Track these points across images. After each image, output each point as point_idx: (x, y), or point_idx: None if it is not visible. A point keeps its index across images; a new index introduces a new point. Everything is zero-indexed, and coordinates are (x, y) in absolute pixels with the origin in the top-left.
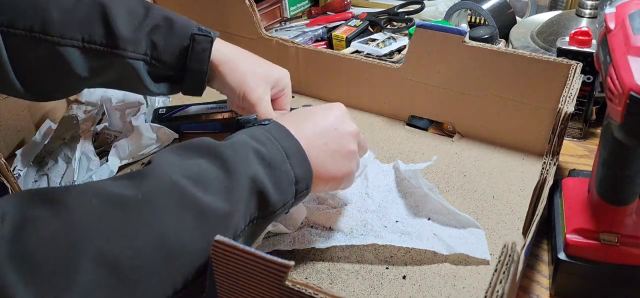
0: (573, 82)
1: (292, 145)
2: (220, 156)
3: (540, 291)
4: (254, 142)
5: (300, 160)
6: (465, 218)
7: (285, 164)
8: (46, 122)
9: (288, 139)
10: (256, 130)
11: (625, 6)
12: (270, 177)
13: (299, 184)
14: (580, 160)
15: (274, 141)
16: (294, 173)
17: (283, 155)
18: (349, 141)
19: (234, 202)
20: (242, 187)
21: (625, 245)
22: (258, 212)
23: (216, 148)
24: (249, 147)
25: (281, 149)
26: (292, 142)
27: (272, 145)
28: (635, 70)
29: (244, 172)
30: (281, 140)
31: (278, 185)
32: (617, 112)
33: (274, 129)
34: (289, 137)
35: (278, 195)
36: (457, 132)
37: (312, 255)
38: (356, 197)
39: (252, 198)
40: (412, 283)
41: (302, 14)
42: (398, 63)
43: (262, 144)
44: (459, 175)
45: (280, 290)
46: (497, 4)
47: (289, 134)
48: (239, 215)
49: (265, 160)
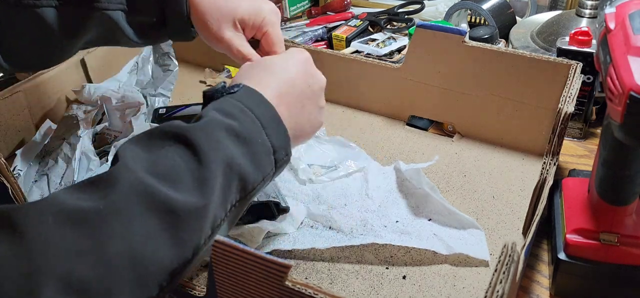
0: (573, 82)
1: (267, 112)
2: (191, 143)
3: (540, 291)
4: (226, 117)
5: (277, 127)
6: (465, 218)
7: (261, 135)
8: (46, 122)
9: (262, 105)
10: (227, 102)
11: (625, 6)
12: (247, 155)
13: (278, 153)
14: (580, 160)
15: (248, 111)
16: (271, 143)
17: (258, 126)
18: (320, 96)
19: (209, 193)
20: (217, 174)
21: (625, 245)
22: (238, 195)
23: (186, 133)
24: (221, 126)
25: (256, 119)
26: (266, 108)
27: (245, 117)
28: (635, 70)
29: (218, 157)
30: (255, 108)
31: (256, 161)
32: (617, 112)
33: (245, 96)
34: (262, 102)
35: (257, 172)
36: (457, 132)
37: (312, 255)
38: (356, 197)
39: (230, 183)
40: (412, 283)
41: (302, 14)
42: (398, 63)
43: (234, 119)
44: (459, 175)
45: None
46: (497, 4)
47: (262, 98)
48: (215, 206)
49: (239, 137)
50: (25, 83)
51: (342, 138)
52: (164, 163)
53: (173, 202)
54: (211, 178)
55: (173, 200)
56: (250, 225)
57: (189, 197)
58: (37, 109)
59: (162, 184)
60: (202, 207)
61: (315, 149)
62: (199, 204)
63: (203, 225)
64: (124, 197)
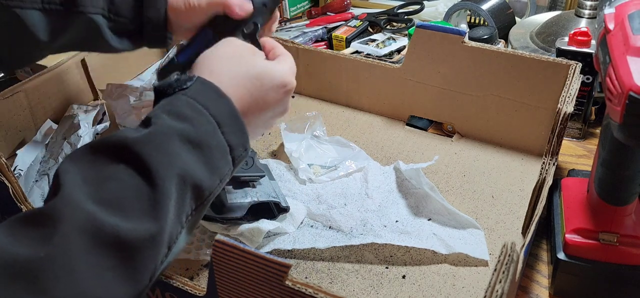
0: (572, 82)
1: (223, 108)
2: (140, 160)
3: (539, 291)
4: (178, 122)
5: (234, 123)
6: (465, 218)
7: (216, 136)
8: (47, 122)
9: (217, 102)
10: (179, 100)
11: (624, 7)
12: (202, 160)
13: (235, 151)
14: (580, 160)
15: (202, 111)
16: (227, 142)
17: (214, 126)
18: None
19: (162, 216)
20: (170, 191)
21: (624, 245)
22: (194, 204)
23: (133, 148)
24: (173, 133)
25: (210, 118)
26: (222, 105)
27: (199, 117)
28: (634, 71)
29: (170, 172)
30: (210, 105)
31: (211, 166)
32: (617, 112)
33: (200, 91)
34: (218, 98)
35: (213, 177)
36: (456, 132)
37: (312, 255)
38: (356, 197)
39: (183, 196)
40: (411, 283)
41: (302, 14)
42: (398, 63)
43: (187, 121)
44: (459, 175)
45: (280, 289)
46: (497, 5)
47: (218, 93)
48: (170, 225)
49: (193, 143)
50: (26, 83)
51: (342, 138)
52: (110, 188)
53: (123, 234)
54: (163, 199)
55: (123, 231)
56: (250, 225)
57: (140, 224)
58: (37, 109)
59: (109, 214)
60: (156, 232)
61: (315, 149)
62: (153, 230)
63: (158, 250)
64: (67, 237)
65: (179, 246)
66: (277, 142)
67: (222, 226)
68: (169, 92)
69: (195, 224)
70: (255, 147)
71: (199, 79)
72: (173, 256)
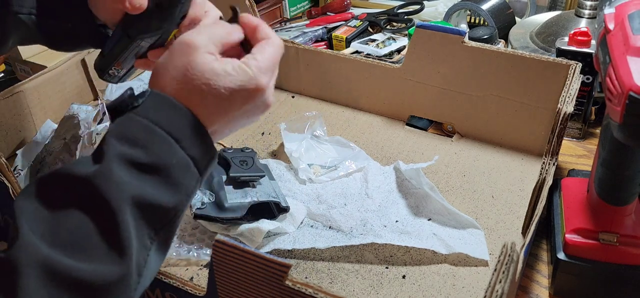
0: (572, 82)
1: (179, 121)
2: (90, 195)
3: (539, 291)
4: (129, 147)
5: (194, 134)
6: (465, 218)
7: (175, 154)
8: (47, 122)
9: (173, 115)
10: (131, 122)
11: (624, 7)
12: (158, 182)
13: (200, 162)
14: (580, 160)
15: (155, 130)
16: (188, 156)
17: (170, 144)
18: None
19: (124, 250)
20: (126, 221)
21: (624, 245)
22: (159, 225)
23: (83, 185)
24: (122, 163)
25: (165, 135)
26: (178, 118)
27: (152, 137)
28: (634, 71)
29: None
30: (163, 121)
31: (172, 184)
32: (617, 112)
33: (153, 107)
34: (173, 111)
35: (176, 194)
36: (456, 132)
37: (312, 255)
38: (356, 197)
39: (142, 222)
40: (411, 283)
41: (302, 14)
42: (398, 63)
43: (138, 146)
44: (459, 175)
45: (280, 290)
46: (497, 5)
47: (173, 105)
48: (135, 253)
49: (145, 167)
50: (26, 83)
51: (342, 138)
52: (67, 229)
53: (87, 278)
54: (120, 231)
55: (86, 275)
56: (250, 225)
57: (101, 264)
58: (37, 109)
59: (70, 257)
60: (118, 268)
61: (315, 149)
62: (115, 268)
63: (127, 283)
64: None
65: (152, 267)
66: (277, 142)
67: (222, 226)
68: (122, 109)
69: (168, 240)
70: (255, 147)
71: (152, 93)
72: (149, 278)
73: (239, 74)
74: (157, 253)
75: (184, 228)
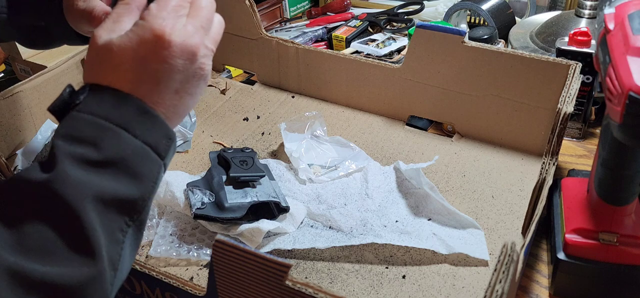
0: (572, 82)
1: (125, 110)
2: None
3: (539, 291)
4: (78, 146)
5: (145, 121)
6: (465, 218)
7: (129, 144)
8: (47, 122)
9: (117, 106)
10: (76, 121)
11: (624, 7)
12: (117, 175)
13: (159, 147)
14: (580, 160)
15: (103, 124)
16: (145, 142)
17: (121, 135)
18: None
19: (92, 249)
20: (90, 219)
21: (624, 245)
22: (127, 216)
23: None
24: (75, 163)
25: (115, 128)
26: (123, 107)
27: (101, 133)
28: (634, 71)
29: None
30: (109, 114)
31: (133, 174)
32: (617, 112)
33: (95, 102)
34: (116, 100)
35: (141, 184)
36: (456, 132)
37: (312, 255)
38: (356, 197)
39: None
40: (411, 283)
41: (302, 14)
42: (398, 63)
43: (87, 143)
44: (458, 175)
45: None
46: (497, 5)
47: (115, 94)
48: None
49: (99, 164)
50: (26, 83)
51: (342, 138)
52: (30, 236)
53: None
54: (86, 230)
55: (57, 278)
56: (250, 225)
57: (71, 267)
58: (37, 109)
59: (37, 263)
60: (88, 269)
61: (315, 149)
62: (85, 269)
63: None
64: None
65: (128, 257)
66: (277, 142)
67: (222, 226)
68: (64, 109)
69: (141, 227)
70: (255, 147)
71: (90, 88)
72: (127, 268)
73: (137, 30)
74: (131, 244)
75: (184, 229)
